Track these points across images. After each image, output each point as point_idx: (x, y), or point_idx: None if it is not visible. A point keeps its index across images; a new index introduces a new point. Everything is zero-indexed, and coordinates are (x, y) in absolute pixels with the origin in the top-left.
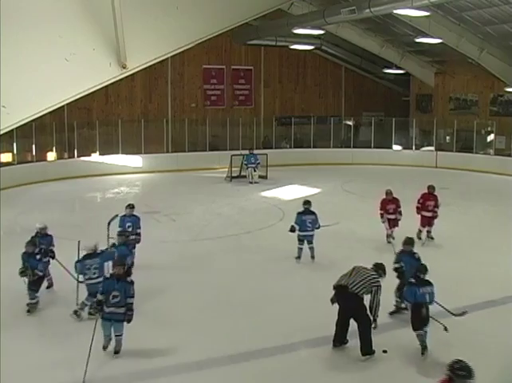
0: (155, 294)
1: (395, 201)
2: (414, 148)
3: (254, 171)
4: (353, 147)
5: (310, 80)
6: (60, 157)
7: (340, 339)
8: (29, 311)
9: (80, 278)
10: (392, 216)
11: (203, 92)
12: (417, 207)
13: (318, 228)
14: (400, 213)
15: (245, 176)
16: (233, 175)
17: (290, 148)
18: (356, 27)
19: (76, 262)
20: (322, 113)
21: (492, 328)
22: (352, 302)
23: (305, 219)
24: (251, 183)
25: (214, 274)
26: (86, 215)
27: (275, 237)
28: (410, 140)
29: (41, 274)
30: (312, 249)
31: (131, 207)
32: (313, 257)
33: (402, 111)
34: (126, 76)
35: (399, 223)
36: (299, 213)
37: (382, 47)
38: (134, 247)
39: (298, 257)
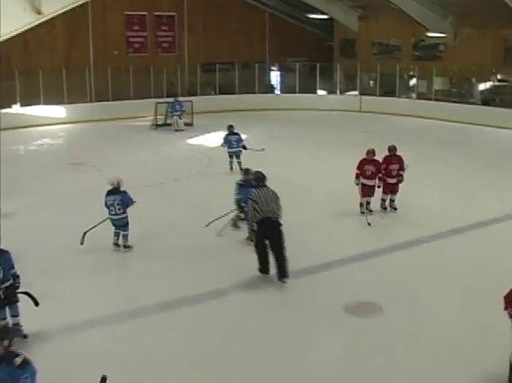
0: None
1: (376, 163)
2: (338, 92)
3: (180, 118)
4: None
5: (235, 26)
6: None
7: (268, 267)
8: None
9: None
10: (370, 182)
11: (126, 39)
12: (382, 175)
13: (245, 148)
14: (380, 179)
15: (170, 124)
16: (158, 123)
17: (215, 94)
18: None
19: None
20: (247, 59)
21: (418, 266)
22: (277, 229)
23: (231, 139)
24: (177, 130)
25: (139, 223)
26: (9, 169)
27: (202, 184)
28: (334, 85)
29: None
30: (239, 163)
31: None
32: (241, 168)
33: (326, 56)
34: (46, 23)
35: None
36: (226, 135)
37: None
38: None
39: (231, 168)
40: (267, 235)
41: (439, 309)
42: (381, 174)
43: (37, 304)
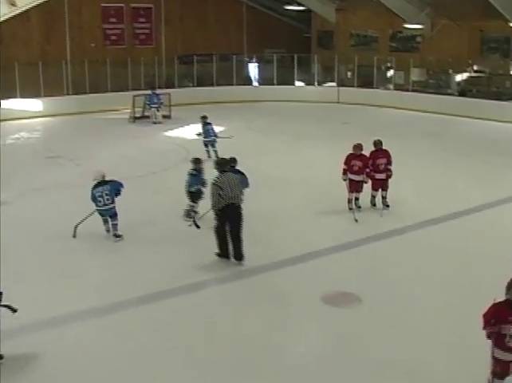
0: (61, 234)
1: (363, 158)
2: (316, 84)
3: (158, 111)
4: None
5: (212, 17)
6: None
7: (228, 252)
8: None
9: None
10: (357, 177)
11: (103, 31)
12: (370, 171)
13: (216, 136)
14: (367, 174)
15: (148, 117)
16: (136, 115)
17: (193, 86)
18: None
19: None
20: (225, 51)
21: (397, 256)
22: (239, 214)
23: (208, 128)
24: (155, 123)
25: (119, 216)
26: None
27: (180, 177)
28: (312, 77)
29: None
30: (215, 151)
31: None
32: (217, 156)
33: (304, 48)
34: (20, 16)
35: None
36: (203, 125)
37: None
38: None
39: (209, 156)
40: (230, 220)
41: (418, 300)
42: (368, 169)
43: (15, 311)
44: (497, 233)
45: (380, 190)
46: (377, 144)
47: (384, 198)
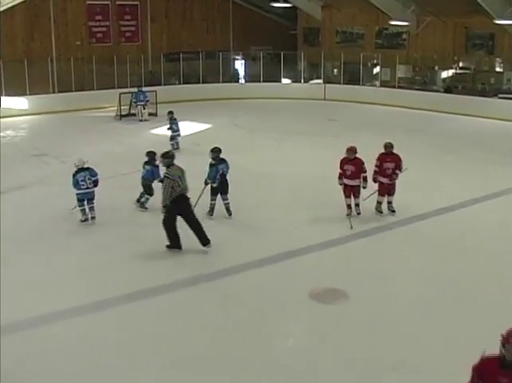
0: (45, 232)
1: (357, 162)
2: (302, 81)
3: (144, 108)
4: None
5: (197, 14)
6: None
7: (180, 243)
8: None
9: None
10: (351, 182)
11: (88, 29)
12: (374, 172)
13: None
14: (365, 179)
15: (134, 114)
16: (122, 113)
17: (179, 84)
18: None
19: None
20: (210, 48)
21: (383, 252)
22: (189, 203)
23: (176, 123)
24: (141, 120)
25: (104, 213)
26: None
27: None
28: (298, 74)
29: None
30: (178, 143)
31: None
32: (177, 148)
33: (290, 45)
34: (4, 14)
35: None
36: (173, 119)
37: None
38: None
39: (177, 148)
40: (182, 211)
41: (406, 295)
42: (377, 170)
43: None
44: (483, 228)
45: (386, 195)
46: (387, 147)
47: (389, 203)
